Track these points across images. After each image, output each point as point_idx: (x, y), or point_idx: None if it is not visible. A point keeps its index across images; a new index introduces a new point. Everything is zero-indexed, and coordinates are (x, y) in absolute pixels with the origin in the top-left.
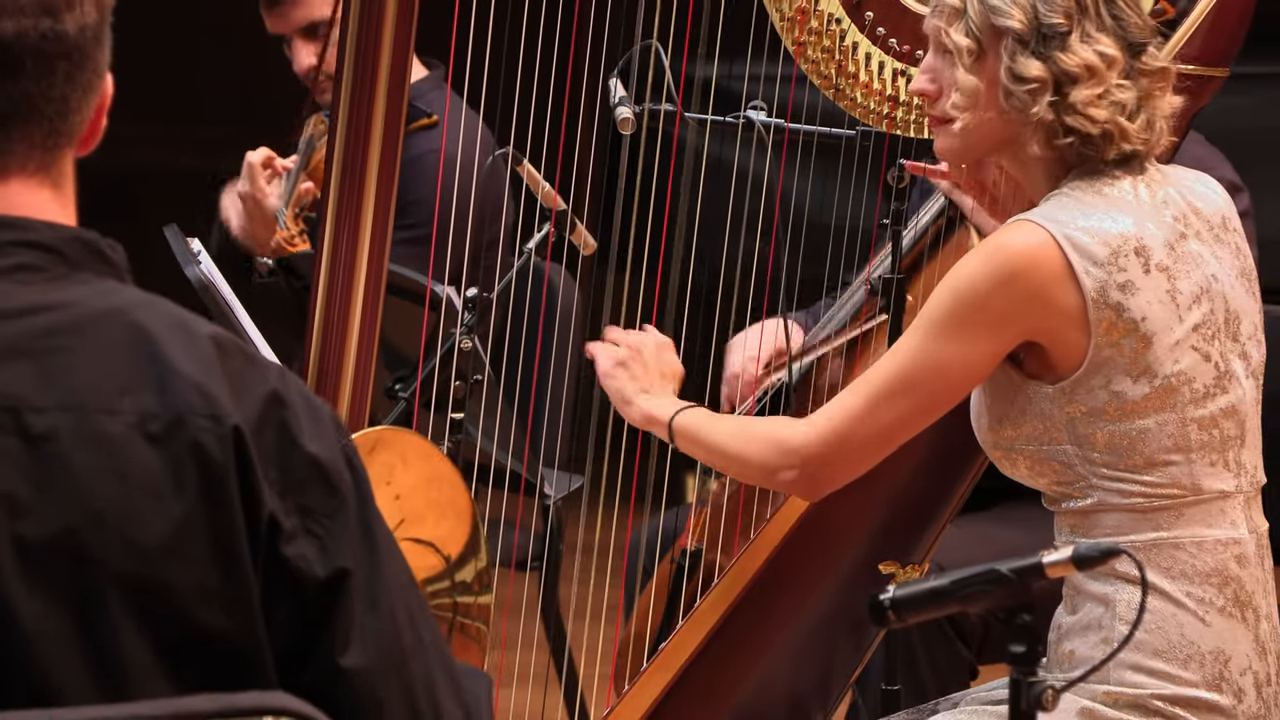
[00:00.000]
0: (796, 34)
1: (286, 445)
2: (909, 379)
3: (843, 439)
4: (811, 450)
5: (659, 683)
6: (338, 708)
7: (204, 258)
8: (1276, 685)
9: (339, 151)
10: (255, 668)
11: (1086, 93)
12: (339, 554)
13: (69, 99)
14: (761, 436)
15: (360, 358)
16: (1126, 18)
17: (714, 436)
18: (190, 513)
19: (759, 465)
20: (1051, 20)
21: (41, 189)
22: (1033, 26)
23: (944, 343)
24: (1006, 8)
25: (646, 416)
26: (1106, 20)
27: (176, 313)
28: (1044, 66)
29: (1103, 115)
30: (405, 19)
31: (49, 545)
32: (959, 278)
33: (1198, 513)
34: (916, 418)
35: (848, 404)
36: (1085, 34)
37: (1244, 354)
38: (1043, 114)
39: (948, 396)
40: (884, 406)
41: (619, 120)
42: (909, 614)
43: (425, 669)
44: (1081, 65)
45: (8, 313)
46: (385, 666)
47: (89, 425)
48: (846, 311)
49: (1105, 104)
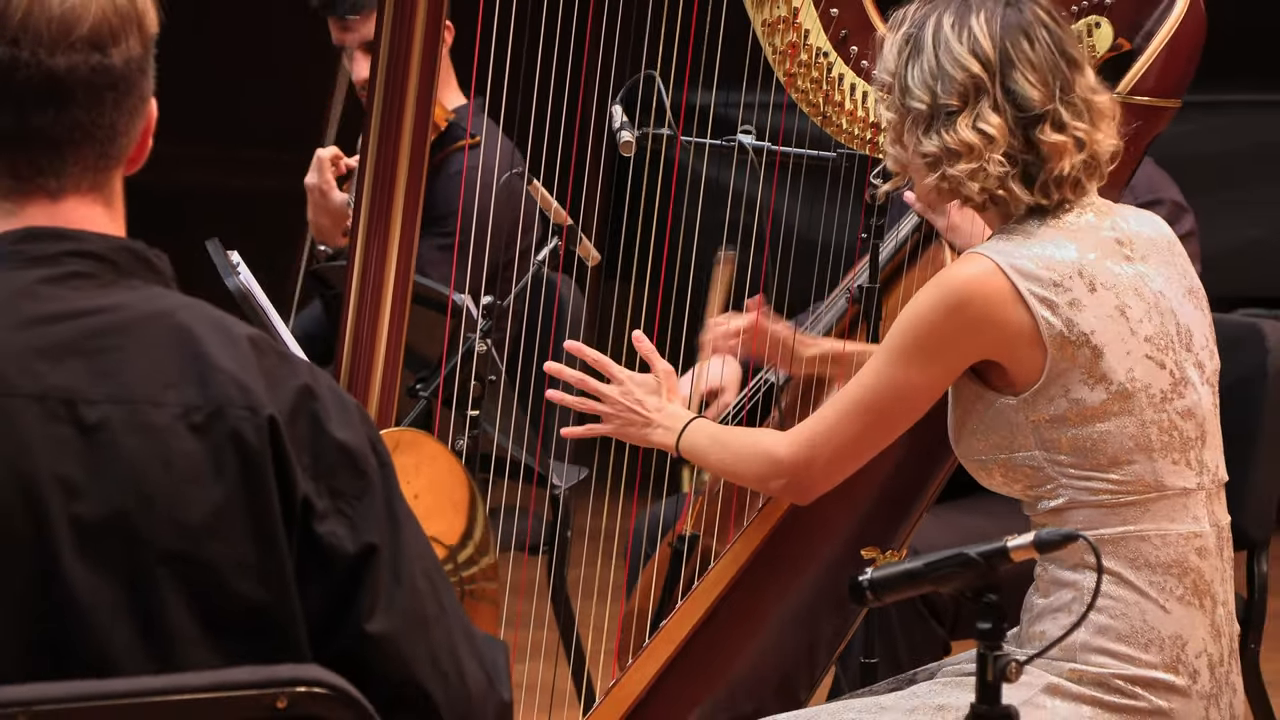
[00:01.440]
0: (788, 66)
1: (317, 433)
2: (872, 402)
3: (819, 452)
4: (794, 462)
5: (660, 657)
6: (368, 671)
7: (242, 268)
8: (1228, 665)
9: (369, 172)
10: (290, 635)
11: (965, 167)
12: (367, 531)
13: (117, 124)
14: (752, 454)
15: (388, 361)
16: (1023, 92)
17: (714, 458)
18: (230, 495)
19: (755, 477)
20: (946, 102)
21: (95, 205)
22: (932, 107)
23: (902, 368)
24: (918, 90)
25: (661, 446)
26: (1000, 99)
27: (216, 315)
28: (937, 143)
29: (975, 186)
30: (430, 53)
31: (102, 524)
32: (914, 309)
33: (1162, 508)
34: (882, 434)
35: (820, 421)
36: (976, 115)
37: (1198, 363)
38: (935, 183)
39: (909, 415)
40: (853, 425)
41: (621, 144)
42: (886, 594)
43: (448, 634)
44: (961, 143)
45: (63, 315)
46: (410, 631)
47: (137, 416)
48: (831, 316)
49: (980, 177)
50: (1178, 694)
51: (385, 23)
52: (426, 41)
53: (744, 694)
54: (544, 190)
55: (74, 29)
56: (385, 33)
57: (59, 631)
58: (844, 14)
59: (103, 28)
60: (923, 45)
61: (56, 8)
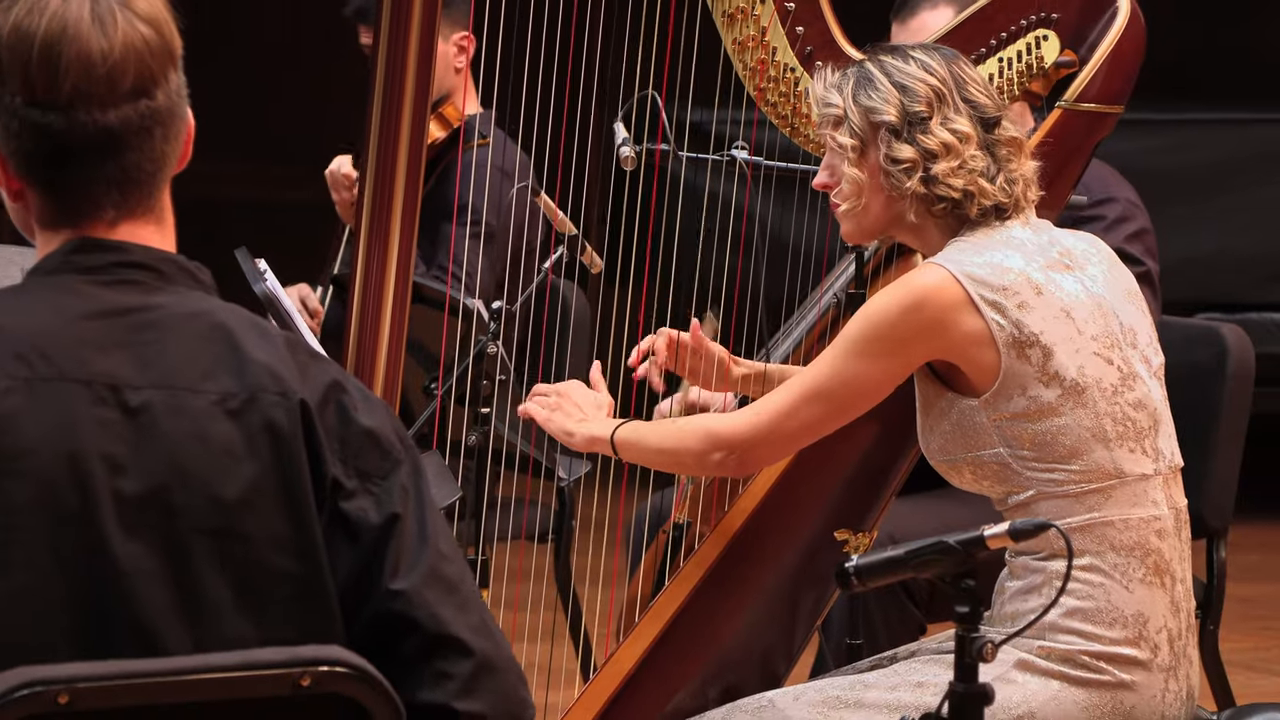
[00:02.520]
0: (758, 81)
1: (345, 421)
2: (825, 389)
3: (768, 430)
4: (740, 437)
5: (651, 632)
6: (402, 626)
7: (269, 275)
8: (1186, 639)
9: (370, 183)
10: (321, 603)
11: (946, 165)
12: (392, 504)
13: (165, 151)
14: (693, 430)
15: (390, 360)
16: (978, 100)
17: (651, 439)
18: (263, 473)
19: (694, 453)
20: (915, 109)
21: (146, 226)
22: (902, 117)
23: (856, 361)
24: (881, 105)
25: (588, 439)
26: (961, 105)
27: (253, 317)
28: (913, 149)
29: (960, 183)
30: (425, 62)
31: (143, 498)
32: (873, 307)
33: (1123, 494)
34: (830, 420)
35: (771, 402)
36: (944, 118)
37: (1144, 359)
38: (915, 188)
39: (858, 405)
40: (804, 409)
41: (622, 158)
42: (870, 579)
43: (474, 595)
44: (940, 144)
45: (111, 312)
46: (437, 586)
47: (177, 401)
48: (813, 317)
49: (963, 173)
50: (1140, 667)
51: (382, 32)
52: (421, 50)
53: (729, 667)
54: (550, 202)
55: (119, 83)
56: (383, 42)
57: (103, 596)
58: (808, 32)
59: (144, 74)
60: (872, 75)
61: (100, 67)
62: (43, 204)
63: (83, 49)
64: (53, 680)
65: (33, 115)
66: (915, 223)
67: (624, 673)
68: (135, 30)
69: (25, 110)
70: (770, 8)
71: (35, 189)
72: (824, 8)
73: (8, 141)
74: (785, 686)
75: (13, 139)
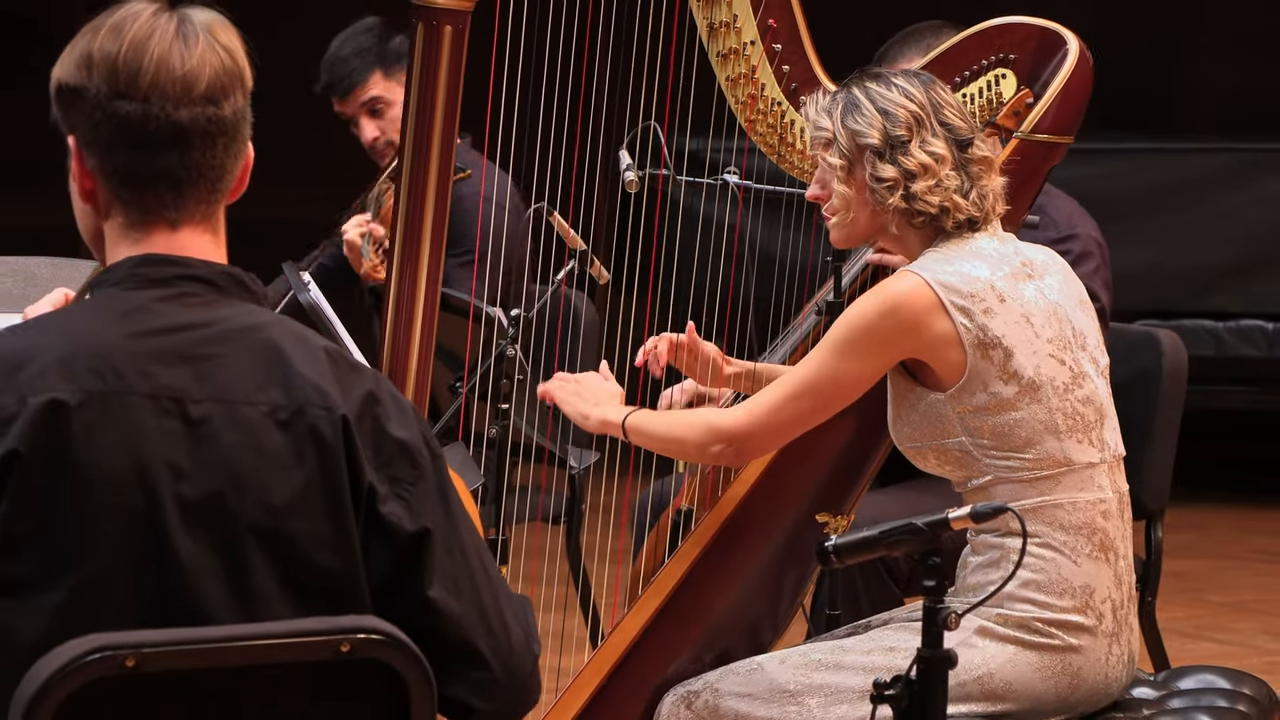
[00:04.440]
0: (748, 114)
1: (379, 432)
2: (811, 386)
3: (758, 422)
4: (738, 430)
5: (653, 604)
6: (427, 631)
7: (312, 286)
8: (1127, 608)
9: (403, 207)
10: (356, 596)
11: (923, 184)
12: (423, 513)
13: (225, 165)
14: (696, 422)
15: (420, 363)
16: (953, 122)
17: (658, 427)
18: (309, 480)
19: (695, 443)
20: (897, 132)
21: (204, 235)
22: (885, 140)
23: (839, 360)
24: (866, 129)
25: (602, 422)
26: (938, 128)
27: (299, 329)
28: (895, 169)
29: (936, 199)
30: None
31: (202, 502)
32: (854, 311)
33: (1071, 480)
34: (816, 414)
35: (764, 398)
36: (923, 140)
37: (1093, 359)
38: (897, 204)
39: (841, 399)
40: (793, 404)
41: (626, 182)
42: (847, 557)
43: (494, 596)
44: (919, 165)
45: (173, 328)
46: (462, 594)
47: (233, 413)
48: (806, 327)
49: (939, 190)
50: (1086, 632)
51: (414, 67)
52: (449, 83)
53: (723, 635)
54: (562, 221)
55: (194, 87)
56: (415, 77)
57: (166, 588)
58: (793, 70)
59: (216, 86)
60: (858, 101)
61: (179, 69)
62: (111, 198)
63: (164, 54)
64: (121, 645)
65: (114, 105)
66: (896, 233)
67: (628, 640)
68: (213, 50)
69: (108, 102)
70: (759, 49)
71: (107, 182)
72: (807, 48)
73: (89, 131)
74: (772, 651)
75: (93, 130)
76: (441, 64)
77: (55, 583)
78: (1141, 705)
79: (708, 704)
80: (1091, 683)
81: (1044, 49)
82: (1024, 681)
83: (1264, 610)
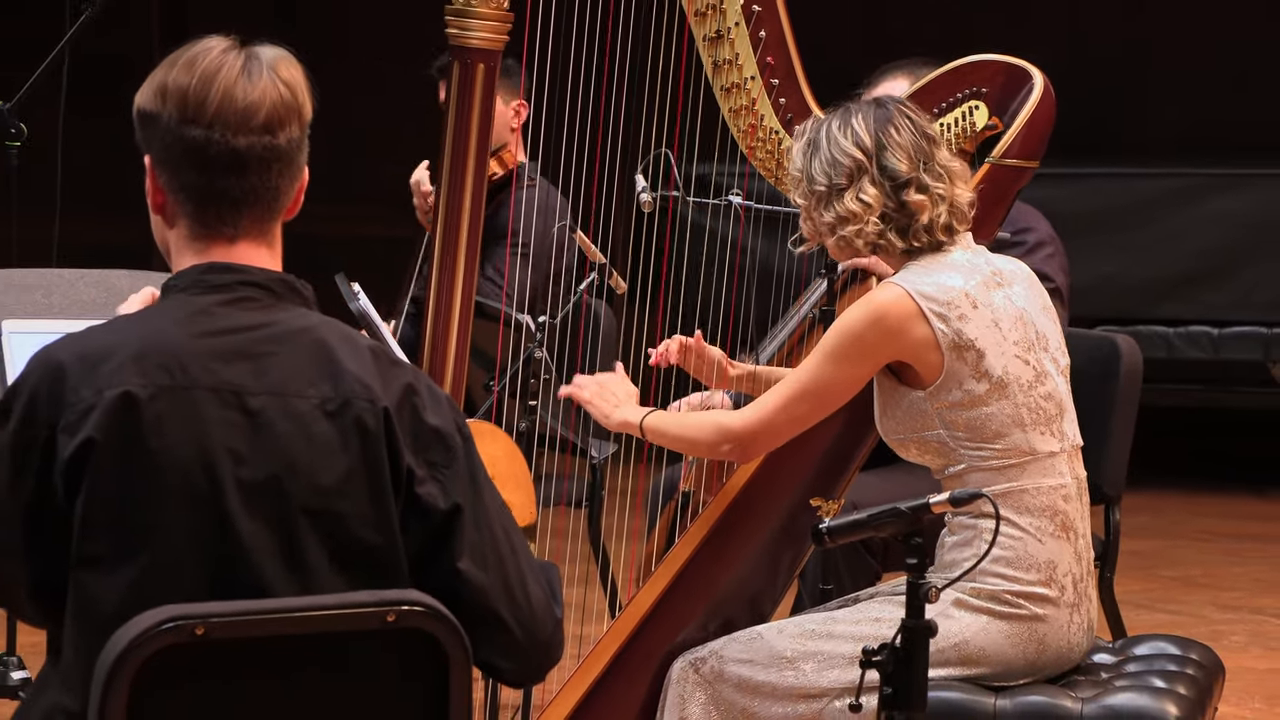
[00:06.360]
0: (749, 141)
1: (417, 420)
2: (809, 390)
3: (762, 424)
4: (741, 431)
5: (664, 579)
6: (458, 596)
7: (361, 295)
8: (1086, 582)
9: (441, 223)
10: (396, 569)
11: (851, 229)
12: (455, 493)
13: (280, 188)
14: (707, 424)
15: (457, 362)
16: (894, 167)
17: (673, 428)
18: (354, 465)
19: (707, 443)
20: (838, 181)
21: (260, 248)
22: (829, 188)
23: (833, 365)
24: (819, 177)
25: (622, 423)
26: (876, 174)
27: (346, 330)
28: (831, 214)
29: (861, 243)
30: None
31: (260, 485)
32: (844, 322)
33: (1036, 468)
34: (814, 415)
35: (767, 402)
36: (860, 188)
37: (1054, 359)
38: (836, 242)
39: (835, 401)
40: (792, 407)
41: (641, 202)
42: (839, 537)
43: (518, 567)
44: (848, 212)
45: (233, 329)
46: (488, 565)
47: (287, 405)
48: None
49: (863, 235)
50: (1050, 603)
51: (452, 97)
52: (483, 114)
53: (726, 607)
54: (584, 237)
55: (253, 118)
56: (452, 106)
57: (228, 563)
58: (789, 101)
59: (273, 117)
60: (819, 144)
61: (240, 101)
62: (178, 212)
63: (229, 89)
64: (191, 616)
65: (183, 130)
66: (867, 252)
67: (643, 611)
68: (274, 86)
69: (178, 128)
70: (759, 83)
71: (175, 197)
72: (801, 83)
73: (161, 152)
74: (770, 622)
75: (165, 150)
76: (475, 96)
77: (130, 559)
78: (1101, 669)
79: (713, 669)
80: (1056, 648)
81: (1012, 83)
82: (996, 647)
83: (1210, 584)
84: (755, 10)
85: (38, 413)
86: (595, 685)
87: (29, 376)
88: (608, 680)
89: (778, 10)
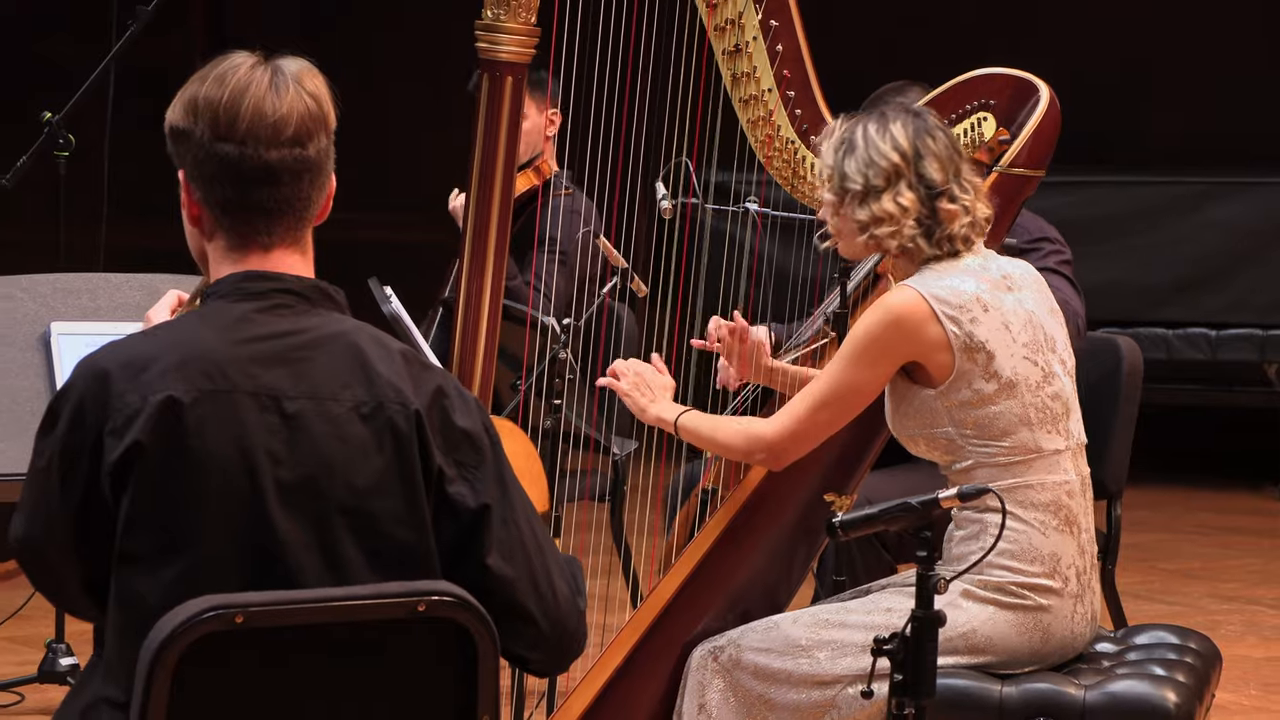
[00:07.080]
0: (766, 151)
1: (447, 422)
2: (831, 395)
3: (792, 432)
4: (773, 439)
5: (684, 571)
6: (487, 590)
7: (394, 299)
8: (1089, 574)
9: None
10: (428, 566)
11: (885, 230)
12: (484, 492)
13: (310, 197)
14: (739, 431)
15: (485, 365)
16: (931, 175)
17: (706, 430)
18: (387, 465)
19: (740, 450)
20: (875, 182)
21: (293, 255)
22: (865, 187)
23: (854, 370)
24: (854, 176)
25: (658, 419)
26: (914, 180)
27: (378, 334)
28: (866, 213)
29: (894, 244)
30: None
31: (297, 484)
32: (861, 327)
33: (1041, 465)
34: (839, 419)
35: (794, 410)
36: (896, 192)
37: (1061, 360)
38: (866, 240)
39: (859, 404)
40: (817, 412)
41: (662, 209)
42: (852, 531)
43: (543, 562)
44: (885, 213)
45: (270, 335)
46: (515, 561)
47: (323, 408)
48: (809, 332)
49: (897, 236)
50: (1054, 594)
51: (480, 114)
52: (510, 135)
53: (744, 598)
54: (607, 243)
55: (283, 132)
56: (480, 121)
57: (267, 559)
58: (805, 113)
59: (302, 130)
60: (855, 144)
61: (270, 116)
62: (214, 224)
63: (258, 103)
64: (231, 605)
65: (215, 147)
66: (896, 253)
67: (663, 602)
68: (301, 99)
69: (211, 144)
70: (776, 95)
71: (210, 210)
72: (816, 94)
73: (195, 168)
74: (786, 612)
75: (198, 166)
76: (504, 106)
77: (173, 556)
78: (1103, 658)
79: (731, 657)
80: (1060, 637)
81: (1019, 95)
82: (1002, 636)
83: (1207, 576)
84: (773, 25)
85: (85, 417)
86: (617, 673)
87: (75, 383)
88: (629, 668)
89: (794, 26)
